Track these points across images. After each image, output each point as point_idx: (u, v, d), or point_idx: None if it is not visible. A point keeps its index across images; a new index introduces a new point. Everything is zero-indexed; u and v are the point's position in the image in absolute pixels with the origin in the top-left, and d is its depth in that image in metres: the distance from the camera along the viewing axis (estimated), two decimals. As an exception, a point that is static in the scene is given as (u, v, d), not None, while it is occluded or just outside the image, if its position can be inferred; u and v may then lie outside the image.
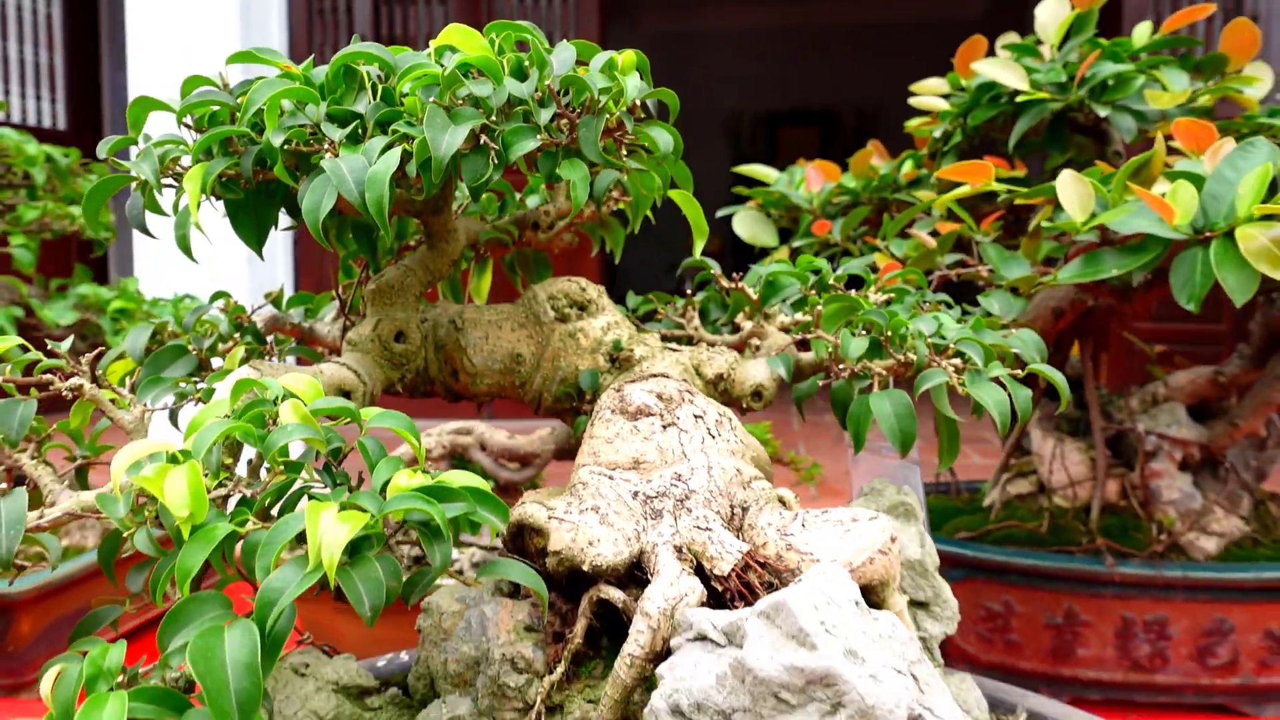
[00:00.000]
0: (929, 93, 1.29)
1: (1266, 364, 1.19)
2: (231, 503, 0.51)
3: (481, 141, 0.58)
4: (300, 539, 0.47)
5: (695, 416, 0.65)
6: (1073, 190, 0.86)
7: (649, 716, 0.48)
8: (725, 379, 0.77)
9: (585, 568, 0.58)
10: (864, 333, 0.70)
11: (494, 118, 0.58)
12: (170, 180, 0.66)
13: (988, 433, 3.14)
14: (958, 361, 0.70)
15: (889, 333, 0.69)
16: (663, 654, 0.54)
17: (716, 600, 0.59)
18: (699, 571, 0.59)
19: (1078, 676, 1.20)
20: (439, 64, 0.61)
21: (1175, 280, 0.82)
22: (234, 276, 3.49)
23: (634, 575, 0.60)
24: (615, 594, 0.58)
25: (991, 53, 1.23)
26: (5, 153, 1.39)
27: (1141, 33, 1.15)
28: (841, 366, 0.71)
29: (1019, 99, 1.08)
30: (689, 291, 0.93)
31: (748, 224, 1.30)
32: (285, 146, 0.59)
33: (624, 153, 0.65)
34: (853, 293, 0.79)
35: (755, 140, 9.38)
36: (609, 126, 0.61)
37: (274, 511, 0.50)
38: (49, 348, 0.61)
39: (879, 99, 8.86)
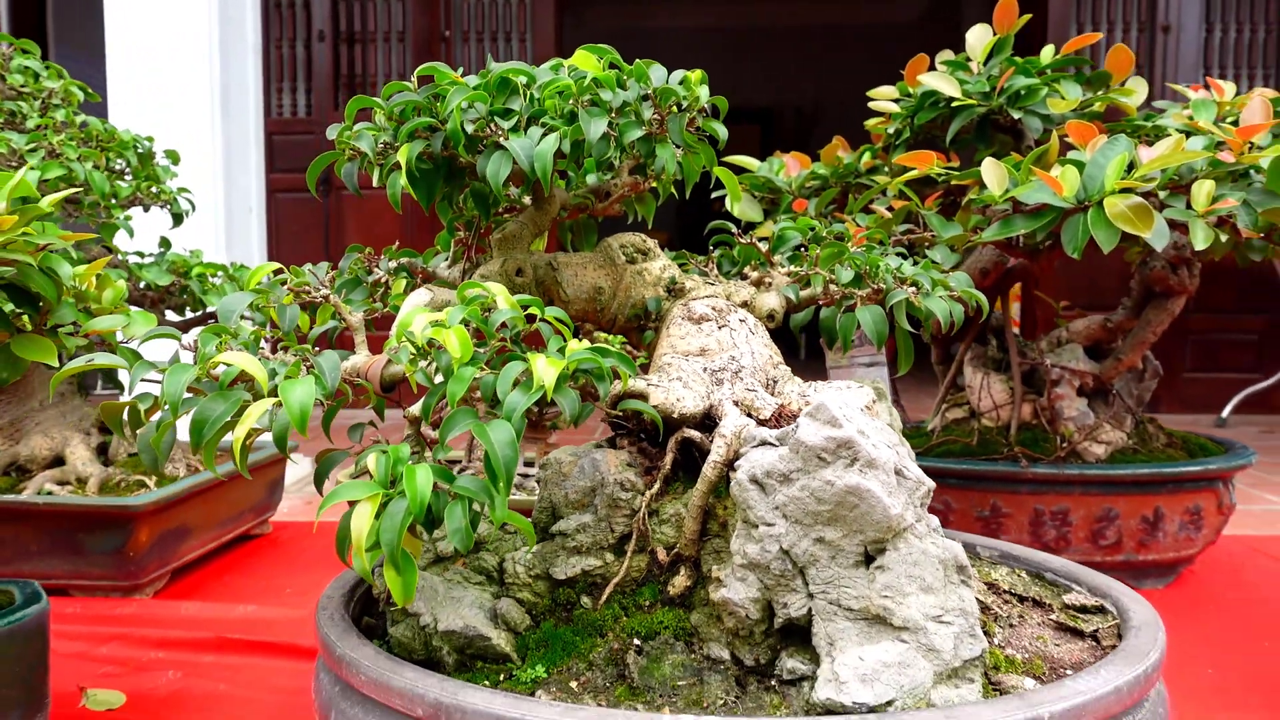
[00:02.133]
0: (883, 98, 1.60)
1: (1142, 313, 1.53)
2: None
3: (605, 133, 0.87)
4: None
5: (740, 321, 0.95)
6: (993, 173, 1.18)
7: (735, 484, 0.77)
8: (748, 305, 1.07)
9: (674, 415, 0.87)
10: (850, 268, 1.01)
11: (613, 115, 0.87)
12: (359, 148, 0.93)
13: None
14: (913, 290, 1.00)
15: (867, 268, 1.00)
16: (732, 462, 0.83)
17: (758, 441, 0.89)
18: (749, 417, 0.88)
19: (1001, 558, 1.53)
20: (564, 77, 0.89)
21: (1065, 236, 1.14)
22: (214, 241, 3.75)
23: (704, 424, 0.89)
24: (695, 434, 0.88)
25: (933, 67, 1.55)
26: (105, 140, 1.62)
27: (1048, 53, 1.49)
28: (834, 292, 1.01)
29: (954, 104, 1.40)
30: (710, 248, 1.22)
31: (740, 203, 1.60)
32: (469, 132, 0.87)
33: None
34: (840, 243, 1.10)
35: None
36: (689, 120, 0.90)
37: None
38: (305, 278, 0.88)
39: (817, 98, 9.26)
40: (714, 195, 1.68)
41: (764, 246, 1.14)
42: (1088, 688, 0.70)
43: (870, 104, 1.57)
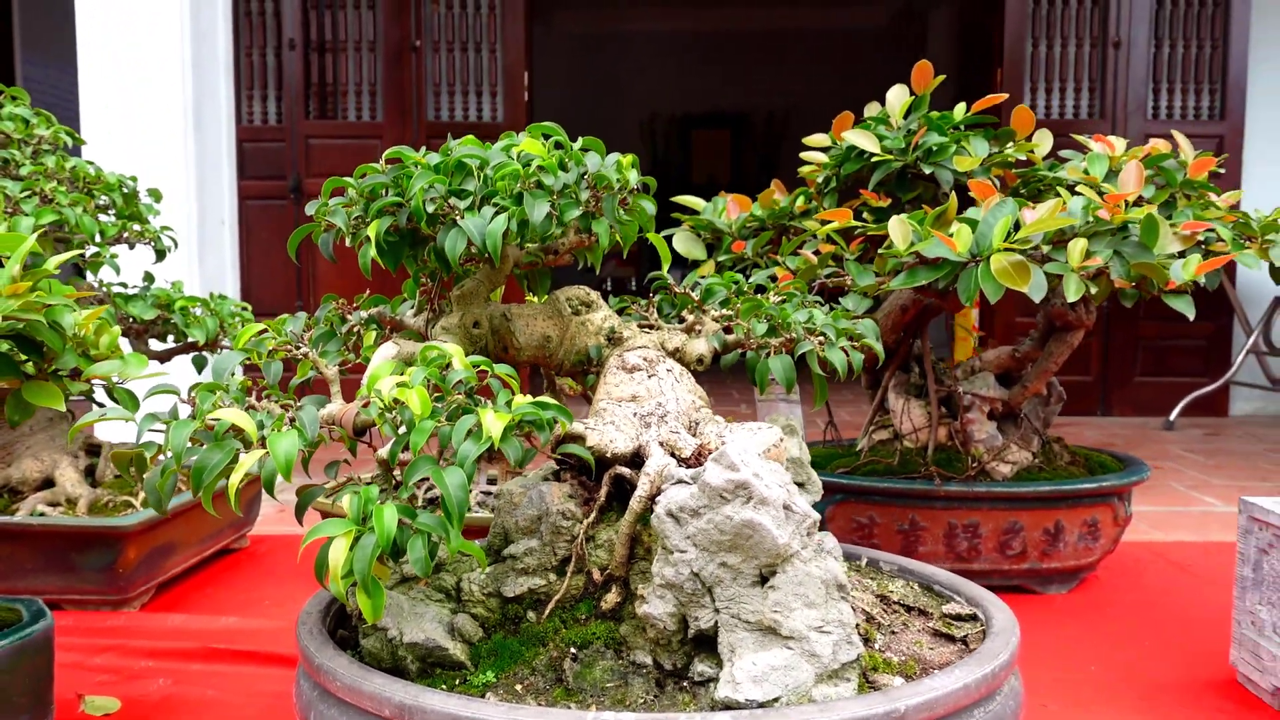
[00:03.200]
0: (815, 146, 1.76)
1: (1045, 345, 1.70)
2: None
3: (548, 211, 1.01)
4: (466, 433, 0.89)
5: (668, 370, 1.09)
6: (898, 230, 1.33)
7: (654, 517, 0.92)
8: (679, 351, 1.22)
9: (608, 455, 1.02)
10: (765, 321, 1.16)
11: (554, 196, 1.01)
12: (333, 222, 1.06)
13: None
14: (821, 338, 1.15)
15: (780, 321, 1.15)
16: (654, 497, 0.97)
17: (682, 475, 1.03)
18: (673, 456, 1.03)
19: (920, 567, 1.69)
20: (514, 159, 1.03)
21: (960, 287, 1.30)
22: (187, 252, 3.88)
23: (634, 462, 1.03)
24: (626, 471, 1.02)
25: (861, 120, 1.70)
26: (91, 181, 1.74)
27: (960, 110, 1.64)
28: (752, 342, 1.16)
29: (872, 159, 1.56)
30: (650, 295, 1.37)
31: (684, 241, 1.75)
32: (430, 211, 1.01)
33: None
34: (759, 296, 1.24)
35: (670, 141, 9.83)
36: (620, 200, 1.04)
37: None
38: (283, 336, 1.01)
39: (787, 103, 9.44)
40: (663, 233, 1.83)
41: (697, 295, 1.29)
42: (940, 685, 0.85)
43: (801, 154, 1.72)
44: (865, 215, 1.52)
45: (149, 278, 1.85)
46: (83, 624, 1.50)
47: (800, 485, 1.15)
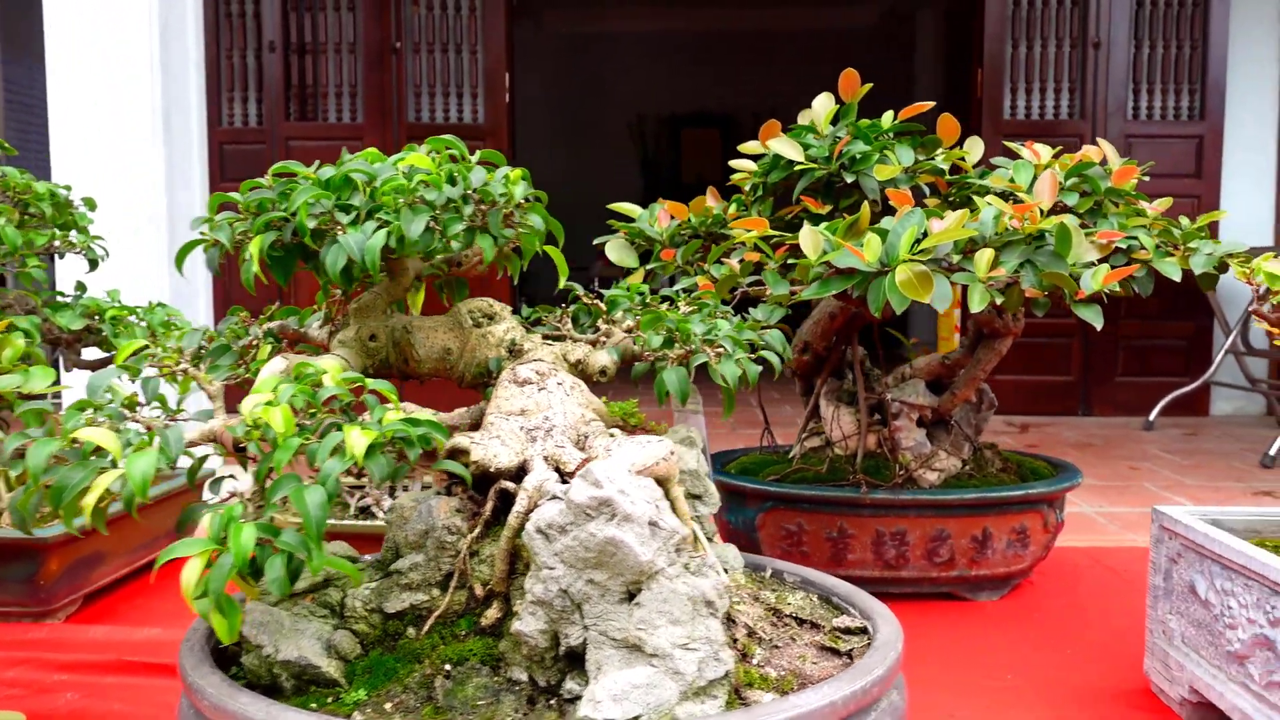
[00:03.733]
0: (749, 154, 1.75)
1: (975, 352, 1.70)
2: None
3: (429, 225, 1.00)
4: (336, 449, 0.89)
5: (558, 384, 1.09)
6: (809, 239, 1.33)
7: (525, 533, 0.91)
8: (582, 362, 1.22)
9: (491, 469, 1.01)
10: (662, 333, 1.15)
11: (437, 211, 1.00)
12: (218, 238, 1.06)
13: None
14: (722, 349, 1.15)
15: (677, 332, 1.15)
16: (531, 512, 0.97)
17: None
18: (558, 470, 1.03)
19: (850, 575, 1.69)
20: (402, 174, 1.03)
21: (869, 298, 1.30)
22: (157, 255, 3.87)
23: (519, 476, 1.03)
24: (510, 485, 1.02)
25: (790, 130, 1.70)
26: (21, 190, 1.73)
27: (887, 118, 1.64)
28: (649, 354, 1.16)
29: (796, 168, 1.56)
30: (565, 304, 1.36)
31: (616, 250, 1.75)
32: (312, 226, 1.00)
33: (516, 229, 1.09)
34: (664, 306, 1.24)
35: (659, 141, 9.83)
36: (506, 214, 1.04)
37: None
38: (164, 349, 1.01)
39: (776, 103, 9.43)
40: (595, 240, 1.83)
41: (604, 306, 1.29)
42: (807, 701, 0.85)
43: (731, 162, 1.71)
44: (806, 222, 1.52)
45: (80, 287, 1.85)
46: (2, 636, 1.50)
47: (697, 497, 1.15)
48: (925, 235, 1.28)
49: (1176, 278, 1.47)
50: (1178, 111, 4.88)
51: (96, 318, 1.77)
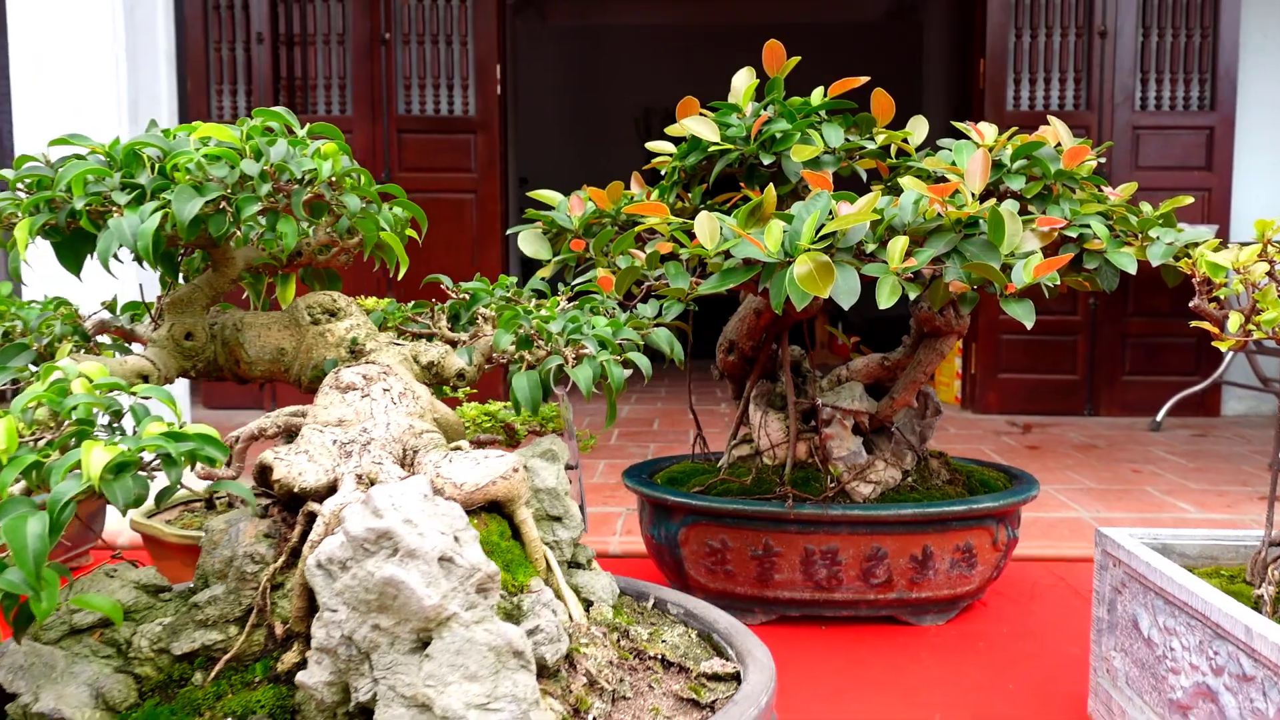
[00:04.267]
0: (675, 134, 1.61)
1: (915, 352, 1.54)
2: (41, 443, 0.79)
3: (221, 206, 0.87)
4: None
5: (384, 390, 0.95)
6: (706, 227, 1.18)
7: (307, 570, 0.78)
8: (436, 365, 1.08)
9: (295, 489, 0.88)
10: (517, 331, 1.01)
11: (230, 190, 0.87)
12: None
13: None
14: (586, 350, 1.01)
15: (535, 332, 1.01)
16: (336, 541, 0.83)
17: (393, 512, 0.89)
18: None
19: (778, 597, 1.54)
20: (191, 149, 0.89)
21: (771, 291, 1.15)
22: (128, 279, 3.72)
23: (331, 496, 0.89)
24: (316, 506, 0.88)
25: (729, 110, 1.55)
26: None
27: (817, 95, 1.49)
28: (502, 356, 1.01)
29: (709, 149, 1.41)
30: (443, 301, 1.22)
31: (529, 240, 1.61)
32: (87, 207, 0.87)
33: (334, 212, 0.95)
34: (533, 302, 1.10)
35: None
36: (315, 195, 0.90)
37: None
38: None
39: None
40: (509, 230, 1.69)
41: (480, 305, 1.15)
42: (624, 775, 0.70)
43: (647, 145, 1.57)
44: (703, 210, 1.37)
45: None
46: None
47: (556, 519, 1.01)
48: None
49: (1131, 270, 1.31)
50: (1188, 101, 4.69)
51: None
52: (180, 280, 1.11)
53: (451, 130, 4.79)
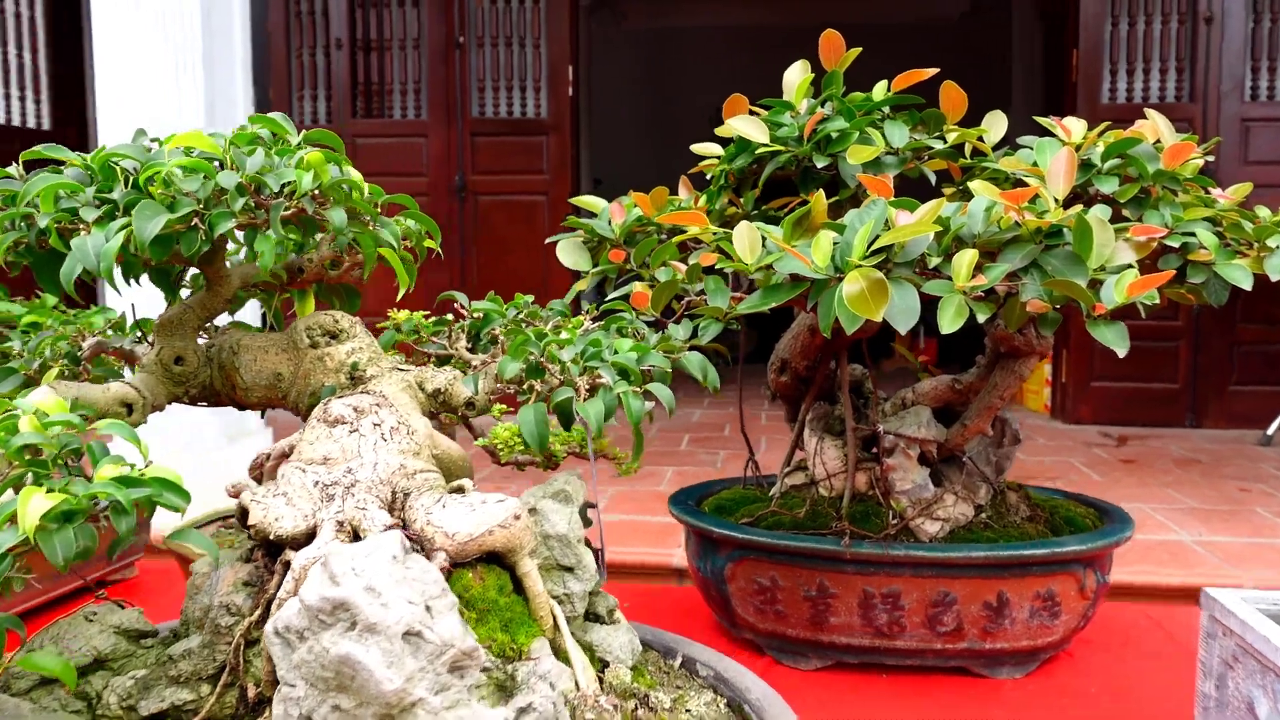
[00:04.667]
0: (725, 134, 1.48)
1: (991, 375, 1.38)
2: (-13, 488, 0.71)
3: (194, 223, 0.79)
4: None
5: (374, 425, 0.86)
6: (744, 239, 1.06)
7: (265, 636, 0.69)
8: (444, 392, 0.98)
9: (271, 536, 0.79)
10: (524, 359, 0.91)
11: (205, 205, 0.79)
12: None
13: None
14: (602, 379, 0.90)
15: (544, 359, 0.90)
16: (309, 598, 0.74)
17: (380, 562, 0.80)
18: (357, 539, 0.80)
19: (834, 642, 1.40)
20: (163, 160, 0.81)
21: (820, 312, 1.02)
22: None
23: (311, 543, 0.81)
24: (293, 555, 0.79)
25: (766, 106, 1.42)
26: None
27: (880, 90, 1.35)
28: (504, 384, 0.91)
29: (757, 151, 1.28)
30: (452, 319, 1.13)
31: (567, 251, 1.50)
32: (56, 224, 0.80)
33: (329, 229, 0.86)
34: (548, 325, 1.00)
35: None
36: (297, 209, 0.81)
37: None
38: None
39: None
40: (548, 240, 1.59)
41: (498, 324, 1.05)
42: None
43: (692, 147, 1.45)
44: (743, 219, 1.24)
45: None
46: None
47: (567, 570, 0.90)
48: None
49: (1246, 285, 1.13)
50: (1305, 90, 4.32)
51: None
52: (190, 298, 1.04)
53: (524, 132, 4.76)
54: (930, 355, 6.09)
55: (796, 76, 1.33)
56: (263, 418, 1.19)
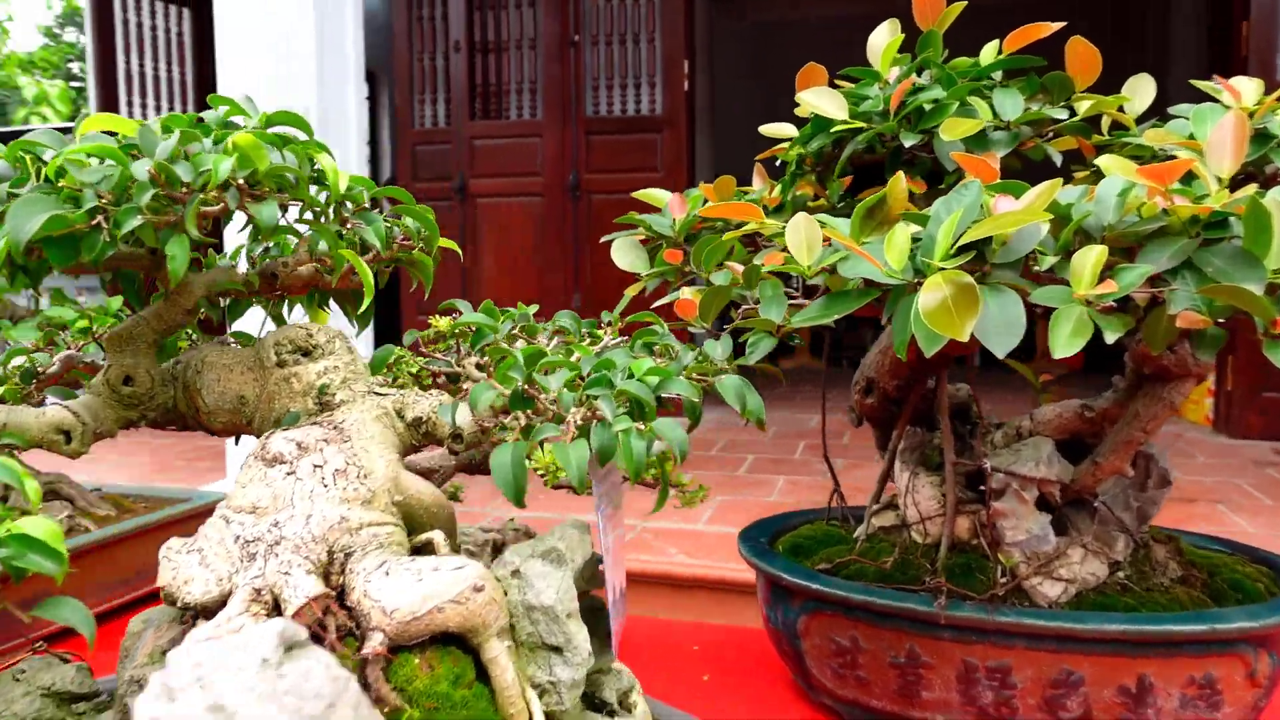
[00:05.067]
0: (802, 113, 1.27)
1: (1133, 401, 1.11)
2: None
3: (96, 221, 0.65)
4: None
5: (315, 466, 0.70)
6: (801, 233, 0.85)
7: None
8: (427, 421, 0.82)
9: (179, 604, 0.65)
10: (508, 384, 0.73)
11: (103, 201, 0.65)
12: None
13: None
14: (600, 413, 0.71)
15: (529, 385, 0.72)
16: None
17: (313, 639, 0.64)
18: (278, 611, 0.64)
19: (927, 719, 1.17)
20: (72, 149, 0.68)
21: (894, 326, 0.80)
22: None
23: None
24: (203, 628, 0.65)
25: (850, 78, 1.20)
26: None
27: (989, 52, 1.10)
28: (481, 418, 0.74)
29: (834, 129, 1.06)
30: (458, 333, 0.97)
31: (623, 251, 1.32)
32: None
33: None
34: (551, 341, 0.82)
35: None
36: (219, 201, 0.67)
37: None
38: None
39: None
40: (603, 239, 1.41)
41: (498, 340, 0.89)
42: None
43: (762, 129, 1.24)
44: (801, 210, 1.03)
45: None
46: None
47: (554, 650, 0.72)
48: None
49: None
50: None
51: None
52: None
53: (638, 130, 4.66)
54: (1072, 361, 5.47)
55: (884, 38, 1.11)
56: (236, 444, 1.07)
